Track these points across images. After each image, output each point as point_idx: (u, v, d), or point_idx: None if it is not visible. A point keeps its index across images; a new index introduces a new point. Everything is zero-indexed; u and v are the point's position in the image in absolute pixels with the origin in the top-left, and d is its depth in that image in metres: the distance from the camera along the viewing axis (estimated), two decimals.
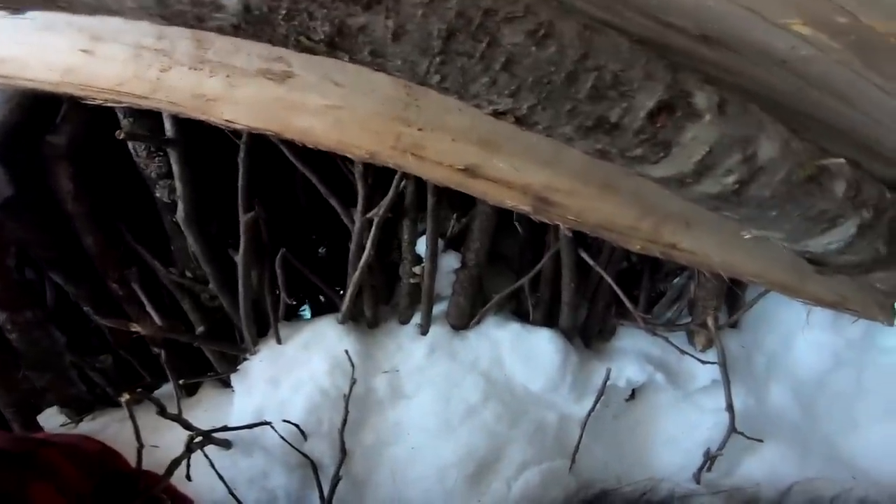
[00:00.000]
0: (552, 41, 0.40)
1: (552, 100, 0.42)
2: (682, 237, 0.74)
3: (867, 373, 1.15)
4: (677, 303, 1.03)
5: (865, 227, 0.56)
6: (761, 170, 0.49)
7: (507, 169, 0.65)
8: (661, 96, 0.44)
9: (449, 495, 0.92)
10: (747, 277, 0.79)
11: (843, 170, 0.53)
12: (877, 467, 1.09)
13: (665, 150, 0.46)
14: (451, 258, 1.00)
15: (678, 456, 1.06)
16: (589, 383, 1.00)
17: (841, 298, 0.87)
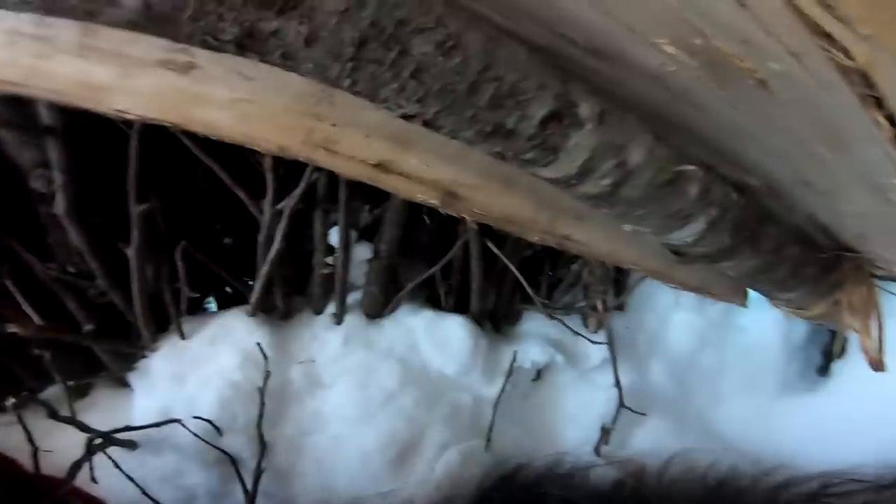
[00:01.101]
0: (458, 52, 0.45)
1: (456, 107, 0.47)
2: (574, 229, 0.85)
3: (728, 350, 1.31)
4: (574, 288, 1.16)
5: (713, 224, 0.68)
6: (631, 173, 0.58)
7: (418, 165, 0.70)
8: (552, 106, 0.51)
9: (375, 479, 0.96)
10: (627, 265, 0.93)
11: (695, 174, 0.65)
12: (740, 437, 1.24)
13: (553, 154, 0.53)
14: (364, 249, 1.05)
15: (580, 431, 1.17)
16: (499, 366, 1.09)
17: (703, 283, 1.04)
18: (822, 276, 0.92)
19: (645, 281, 1.19)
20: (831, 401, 1.22)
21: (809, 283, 0.91)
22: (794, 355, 1.30)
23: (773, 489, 0.95)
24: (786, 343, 1.28)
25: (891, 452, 0.96)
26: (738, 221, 0.72)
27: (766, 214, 0.80)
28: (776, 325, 1.27)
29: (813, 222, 0.86)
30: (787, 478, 0.96)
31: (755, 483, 0.99)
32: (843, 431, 1.12)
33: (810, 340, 1.31)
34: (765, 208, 0.82)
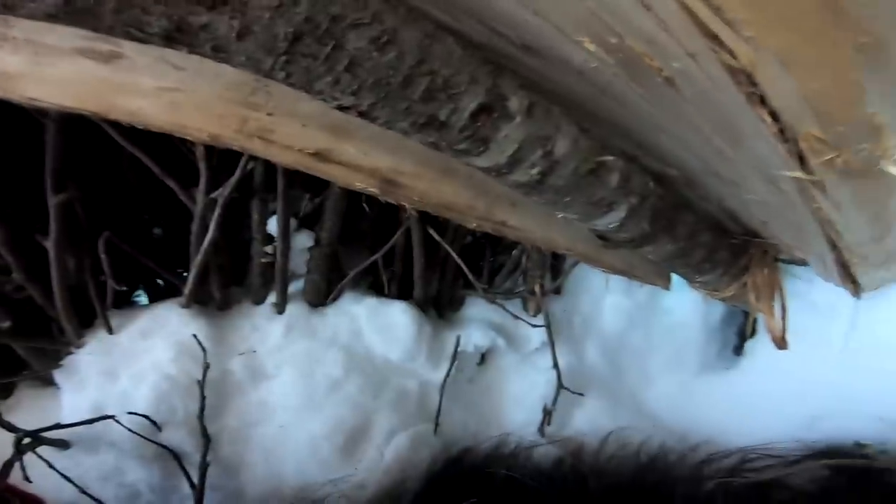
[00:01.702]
0: (393, 47, 0.47)
1: (390, 99, 0.49)
2: (510, 216, 0.90)
3: (654, 331, 1.37)
4: (514, 274, 1.22)
5: (633, 211, 0.75)
6: (557, 163, 0.63)
7: (356, 154, 0.72)
8: (483, 99, 0.54)
9: (324, 467, 0.98)
10: (560, 250, 0.99)
11: (616, 164, 0.71)
12: (668, 414, 1.30)
13: (484, 145, 0.57)
14: (305, 237, 1.05)
15: (524, 413, 1.22)
16: (443, 351, 1.13)
17: (629, 267, 1.12)
18: (733, 261, 1.02)
19: (578, 265, 1.25)
20: (745, 379, 1.28)
21: (722, 266, 1.01)
22: (713, 335, 1.38)
23: (698, 465, 1.03)
24: (705, 324, 1.36)
25: (798, 428, 1.06)
26: (656, 209, 0.79)
27: (682, 203, 0.88)
28: (696, 307, 1.34)
29: (724, 210, 0.95)
30: (709, 454, 1.04)
31: (682, 459, 1.07)
32: (756, 408, 1.19)
33: (726, 321, 1.39)
34: (681, 197, 0.90)
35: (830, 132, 0.45)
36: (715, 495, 0.92)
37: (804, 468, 0.95)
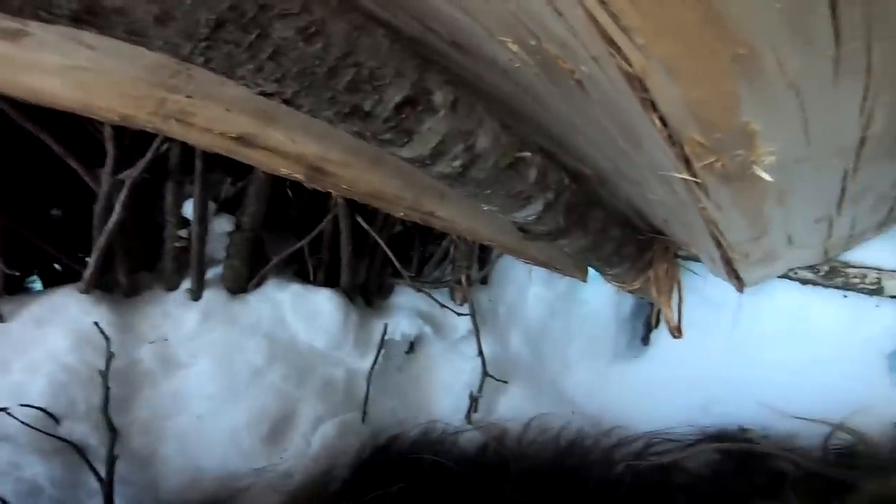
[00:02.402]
0: (320, 38, 0.47)
1: (315, 88, 0.49)
2: (438, 206, 0.93)
3: (573, 321, 1.43)
4: (443, 263, 1.25)
5: (549, 205, 0.80)
6: (478, 157, 0.66)
7: (283, 140, 0.71)
8: (408, 93, 0.55)
9: (247, 457, 0.97)
10: (485, 240, 1.03)
11: (535, 161, 0.75)
12: (585, 401, 1.35)
13: (408, 136, 0.59)
14: (224, 221, 1.02)
15: (451, 400, 1.26)
16: (370, 339, 1.14)
17: (550, 259, 1.19)
18: (639, 256, 1.12)
19: (503, 257, 1.30)
20: (650, 367, 1.36)
21: (629, 260, 1.10)
22: (624, 326, 1.47)
23: (609, 449, 1.11)
24: (617, 315, 1.44)
25: (694, 413, 1.17)
26: (571, 205, 0.84)
27: (594, 200, 0.95)
28: (609, 299, 1.42)
29: (632, 209, 1.04)
30: (620, 438, 1.13)
31: (596, 443, 1.14)
32: (659, 394, 1.27)
33: (635, 313, 1.48)
34: (594, 195, 0.97)
35: (710, 138, 0.52)
36: (624, 478, 0.99)
37: (698, 452, 1.03)
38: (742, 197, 0.63)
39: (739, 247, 0.80)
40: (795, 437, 1.07)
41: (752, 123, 0.50)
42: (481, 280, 1.32)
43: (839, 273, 0.95)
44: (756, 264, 0.89)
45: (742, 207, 0.66)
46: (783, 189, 0.62)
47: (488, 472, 1.06)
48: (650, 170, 0.70)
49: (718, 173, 0.57)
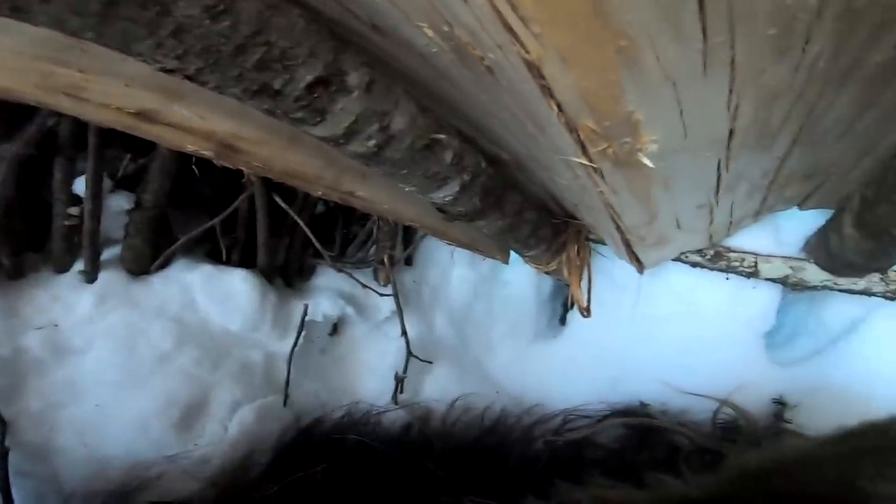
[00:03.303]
0: (228, 17, 0.45)
1: (220, 65, 0.48)
2: (359, 186, 0.93)
3: (495, 302, 1.46)
4: (366, 244, 1.25)
5: (465, 187, 0.82)
6: (393, 138, 0.67)
7: (189, 116, 0.69)
8: (320, 73, 0.55)
9: (158, 444, 0.93)
10: (408, 221, 1.05)
11: (451, 143, 0.78)
12: (508, 380, 1.39)
13: (321, 116, 0.59)
14: (123, 199, 0.96)
15: (377, 382, 1.26)
16: (290, 321, 1.12)
17: (472, 241, 1.23)
18: (554, 238, 1.17)
19: (428, 238, 1.32)
20: (567, 346, 1.42)
21: (545, 242, 1.15)
22: (543, 307, 1.52)
23: (530, 426, 1.16)
24: (537, 296, 1.49)
25: (605, 390, 1.25)
26: (487, 187, 0.88)
27: (511, 183, 0.99)
28: (530, 280, 1.47)
29: (547, 193, 1.09)
30: (540, 416, 1.18)
31: (518, 421, 1.19)
32: (575, 372, 1.34)
33: (554, 294, 1.54)
34: (511, 178, 1.01)
35: (601, 125, 0.56)
36: (542, 454, 1.06)
37: (607, 427, 1.12)
38: (633, 182, 0.68)
39: (636, 230, 0.86)
40: (688, 413, 1.17)
41: (636, 113, 0.55)
42: (405, 261, 1.34)
43: (722, 257, 1.05)
44: (651, 247, 0.96)
45: (634, 192, 0.71)
46: (667, 175, 0.68)
47: (412, 451, 1.08)
48: (555, 154, 0.73)
49: (611, 159, 0.62)
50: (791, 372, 1.17)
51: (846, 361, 1.10)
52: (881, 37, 0.45)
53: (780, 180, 0.77)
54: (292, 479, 0.91)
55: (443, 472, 0.99)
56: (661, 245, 0.98)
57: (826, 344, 1.15)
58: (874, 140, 0.65)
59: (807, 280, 1.00)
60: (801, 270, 1.00)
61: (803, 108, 0.55)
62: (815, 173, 0.76)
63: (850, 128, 0.61)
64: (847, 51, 0.47)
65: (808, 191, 0.85)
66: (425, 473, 0.98)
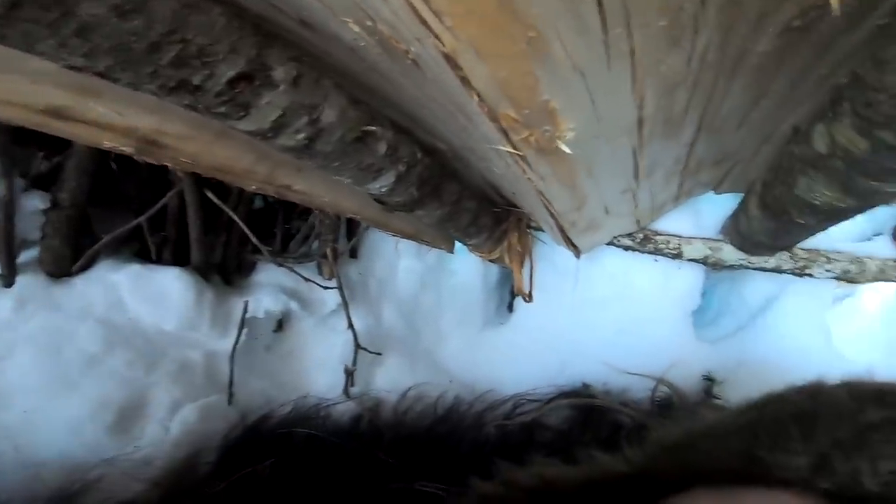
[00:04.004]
0: (139, 16, 0.45)
1: (132, 63, 0.47)
2: (295, 180, 0.93)
3: (443, 291, 1.49)
4: (309, 238, 1.25)
5: (401, 177, 0.84)
6: (324, 130, 0.68)
7: (106, 113, 0.67)
8: (243, 68, 0.55)
9: (94, 448, 0.90)
10: (349, 213, 1.05)
11: (384, 135, 0.79)
12: (459, 369, 1.41)
13: (245, 110, 0.59)
14: (38, 199, 0.92)
15: (327, 376, 1.25)
16: (231, 318, 1.10)
17: (417, 232, 1.24)
18: (495, 226, 1.21)
19: (372, 230, 1.33)
20: (515, 332, 1.46)
21: (486, 231, 1.18)
22: (491, 294, 1.56)
23: (482, 412, 1.18)
24: (485, 284, 1.52)
25: (552, 374, 1.29)
26: (423, 177, 0.90)
27: (449, 173, 1.01)
28: (477, 269, 1.50)
29: (486, 182, 1.12)
30: (491, 401, 1.21)
31: (470, 408, 1.21)
32: (524, 357, 1.38)
33: (501, 281, 1.58)
34: (450, 168, 1.03)
35: (521, 114, 0.59)
36: (493, 438, 1.09)
37: (554, 409, 1.16)
38: (558, 168, 0.72)
39: (567, 215, 0.91)
40: (629, 391, 1.23)
41: (552, 102, 0.58)
42: (350, 254, 1.34)
43: (651, 240, 1.11)
44: (584, 232, 1.01)
45: (560, 178, 0.75)
46: (589, 162, 0.71)
47: (363, 441, 1.08)
48: (485, 144, 0.76)
49: (534, 146, 0.65)
50: (717, 349, 1.25)
51: (764, 336, 1.20)
52: (763, 26, 0.50)
53: (692, 166, 0.82)
54: (241, 476, 0.90)
55: (395, 461, 1.01)
56: (594, 230, 1.03)
57: (746, 321, 1.24)
58: (770, 127, 0.71)
59: (724, 260, 1.08)
60: (719, 251, 1.08)
61: (701, 98, 0.60)
62: (722, 159, 0.83)
63: (747, 116, 0.67)
64: (733, 41, 0.51)
65: (720, 176, 0.92)
66: (377, 462, 0.99)
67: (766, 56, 0.54)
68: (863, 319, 1.20)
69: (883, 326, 1.21)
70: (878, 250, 1.04)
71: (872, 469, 0.33)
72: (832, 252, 1.02)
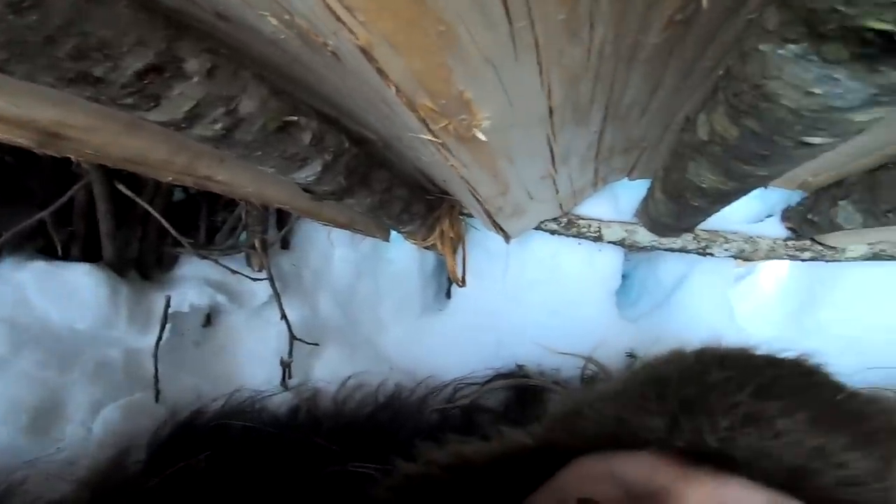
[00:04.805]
0: (35, 11, 0.43)
1: (27, 56, 0.46)
2: (217, 170, 0.91)
3: (381, 280, 1.51)
4: (236, 229, 1.22)
5: (328, 167, 0.85)
6: (242, 121, 0.68)
7: (1, 105, 0.64)
8: (151, 60, 0.54)
9: (10, 451, 0.87)
10: (278, 204, 1.05)
11: (309, 124, 0.79)
12: (400, 356, 1.44)
13: (155, 101, 0.58)
14: None
15: (264, 368, 1.24)
16: (152, 315, 1.07)
17: (350, 221, 1.25)
18: (428, 214, 1.24)
19: (304, 220, 1.32)
20: (453, 317, 1.50)
21: (419, 218, 1.21)
22: (429, 281, 1.61)
23: (423, 398, 1.20)
24: (422, 271, 1.57)
25: (490, 356, 1.35)
26: (351, 166, 0.91)
27: (379, 161, 1.03)
28: (414, 256, 1.53)
29: (418, 170, 1.14)
30: (432, 387, 1.23)
31: (411, 394, 1.23)
32: (462, 342, 1.43)
33: (438, 268, 1.63)
34: (380, 156, 1.04)
35: (438, 104, 0.61)
36: (435, 423, 1.12)
37: (491, 390, 1.21)
38: (478, 155, 0.75)
39: (493, 200, 0.95)
40: (560, 371, 1.29)
41: (466, 92, 0.61)
42: (281, 245, 1.33)
43: (574, 224, 1.18)
44: (511, 217, 1.06)
45: (481, 165, 0.78)
46: (507, 149, 0.75)
47: (301, 431, 1.09)
48: (408, 132, 0.78)
49: (453, 135, 0.68)
50: (639, 326, 1.35)
51: (677, 314, 1.30)
52: (650, 20, 0.55)
53: (604, 153, 0.89)
54: (175, 470, 0.89)
55: (335, 447, 1.02)
56: (520, 215, 1.08)
57: (662, 299, 1.35)
58: (669, 117, 0.77)
59: (639, 241, 1.17)
60: (634, 233, 1.16)
61: (604, 88, 0.65)
62: (631, 147, 0.90)
63: (648, 106, 0.73)
64: (626, 33, 0.56)
65: (631, 163, 0.99)
66: (316, 449, 1.00)
67: (656, 49, 0.60)
68: (761, 296, 1.34)
69: (778, 302, 1.36)
70: (769, 230, 1.16)
71: (712, 426, 0.36)
72: (729, 233, 1.14)
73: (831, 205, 0.99)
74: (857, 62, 0.34)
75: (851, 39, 0.33)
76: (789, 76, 0.38)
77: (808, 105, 0.40)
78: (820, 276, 1.33)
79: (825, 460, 0.35)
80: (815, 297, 1.35)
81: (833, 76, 0.36)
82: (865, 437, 0.36)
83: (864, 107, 0.38)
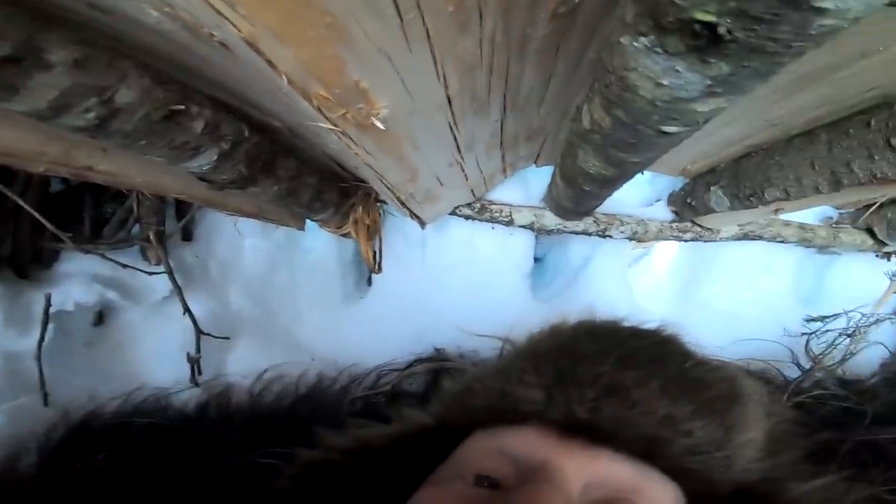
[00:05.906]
0: None
1: None
2: (98, 160, 0.86)
3: (297, 269, 1.48)
4: (127, 222, 1.15)
5: (225, 155, 0.83)
6: (120, 111, 0.65)
7: None
8: (8, 52, 0.52)
9: None
10: (173, 194, 1.00)
11: (201, 113, 0.77)
12: (321, 345, 1.42)
13: (13, 91, 0.55)
14: None
15: (170, 366, 1.19)
16: (31, 315, 1.01)
17: (260, 210, 1.22)
18: (342, 201, 1.23)
19: (206, 210, 1.27)
20: (375, 305, 1.50)
21: (332, 206, 1.20)
22: (348, 269, 1.58)
23: (346, 387, 1.20)
24: (340, 259, 1.54)
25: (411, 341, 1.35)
26: (252, 154, 0.89)
27: (286, 149, 1.01)
28: (331, 245, 1.51)
29: (330, 158, 1.13)
30: (354, 375, 1.23)
31: (334, 383, 1.22)
32: (384, 329, 1.43)
33: (358, 256, 1.58)
34: (287, 144, 1.02)
35: (332, 93, 0.62)
36: (359, 411, 1.12)
37: (412, 375, 1.23)
38: (381, 143, 0.77)
39: (402, 187, 0.96)
40: (479, 352, 1.33)
41: (362, 82, 0.61)
42: (183, 236, 1.27)
43: (487, 209, 1.23)
44: (424, 203, 1.08)
45: (386, 152, 0.79)
46: (412, 136, 0.77)
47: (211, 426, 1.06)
48: (308, 121, 0.78)
49: (352, 123, 0.68)
50: (551, 306, 1.43)
51: (583, 293, 1.39)
52: (535, 12, 0.58)
53: (508, 140, 0.93)
54: (72, 471, 0.85)
55: (248, 440, 1.01)
56: (433, 201, 1.10)
57: (571, 279, 1.43)
58: (565, 106, 0.82)
59: (546, 225, 1.23)
60: (542, 217, 1.23)
61: (499, 78, 0.68)
62: (533, 135, 0.94)
63: (544, 96, 0.77)
64: (514, 26, 0.59)
65: (536, 150, 1.05)
66: (223, 443, 0.99)
67: (545, 41, 0.63)
68: (655, 275, 1.46)
69: (669, 280, 1.49)
70: (658, 214, 1.28)
71: (580, 397, 0.37)
72: (624, 216, 1.24)
73: (705, 190, 1.10)
74: (692, 54, 0.36)
75: (686, 32, 0.35)
76: (643, 68, 0.41)
77: (660, 96, 0.43)
78: (702, 256, 1.47)
79: (673, 429, 0.37)
80: (697, 274, 1.49)
81: (675, 68, 0.38)
82: (707, 404, 0.38)
83: (702, 98, 0.41)
